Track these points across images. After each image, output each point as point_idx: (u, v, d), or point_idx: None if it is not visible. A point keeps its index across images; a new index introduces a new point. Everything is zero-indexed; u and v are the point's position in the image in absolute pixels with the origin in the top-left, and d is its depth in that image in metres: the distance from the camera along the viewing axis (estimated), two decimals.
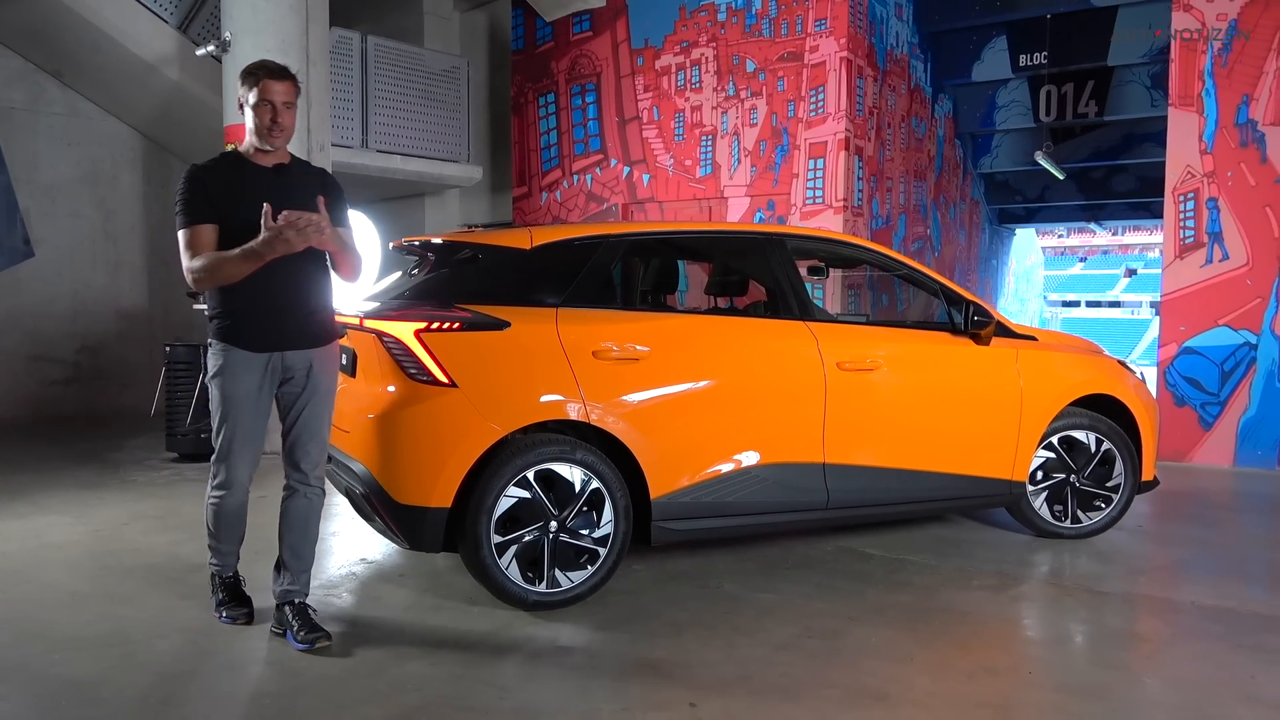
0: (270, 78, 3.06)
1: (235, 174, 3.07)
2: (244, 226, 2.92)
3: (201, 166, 3.11)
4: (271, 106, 3.03)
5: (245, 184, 3.03)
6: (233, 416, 3.13)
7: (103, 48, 7.90)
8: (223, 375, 3.10)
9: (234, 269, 2.93)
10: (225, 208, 3.00)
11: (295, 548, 3.28)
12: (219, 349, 3.10)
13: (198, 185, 3.02)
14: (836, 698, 2.77)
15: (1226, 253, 6.90)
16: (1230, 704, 2.75)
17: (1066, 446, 4.53)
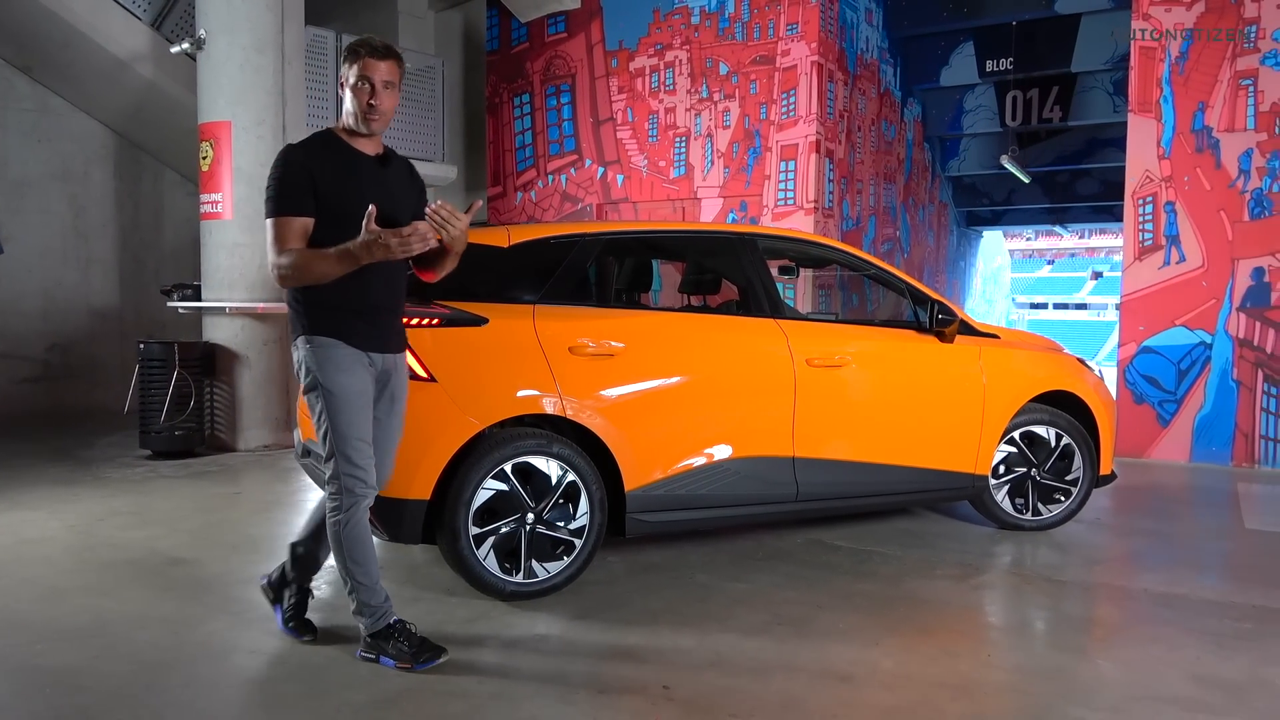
0: (372, 55, 2.81)
1: (341, 161, 2.84)
2: (350, 220, 2.70)
3: (301, 150, 2.85)
4: (370, 86, 2.80)
5: (353, 174, 2.84)
6: (348, 412, 2.83)
7: (74, 44, 7.86)
8: (337, 371, 2.83)
9: (327, 270, 2.72)
10: (331, 199, 2.78)
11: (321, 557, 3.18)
12: (326, 344, 2.83)
13: (300, 173, 2.78)
14: (804, 680, 2.88)
15: (1183, 255, 7.11)
16: (1177, 683, 2.89)
17: (1027, 441, 4.68)
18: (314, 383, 2.85)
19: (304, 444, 3.96)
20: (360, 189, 2.79)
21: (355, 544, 2.88)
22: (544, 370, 3.57)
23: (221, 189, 6.87)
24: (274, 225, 2.79)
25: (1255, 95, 6.84)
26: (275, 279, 2.83)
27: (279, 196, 2.79)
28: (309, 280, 2.77)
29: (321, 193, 2.78)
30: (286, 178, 2.79)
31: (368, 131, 2.84)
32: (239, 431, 6.96)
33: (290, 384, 7.04)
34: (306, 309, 2.85)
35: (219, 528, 4.73)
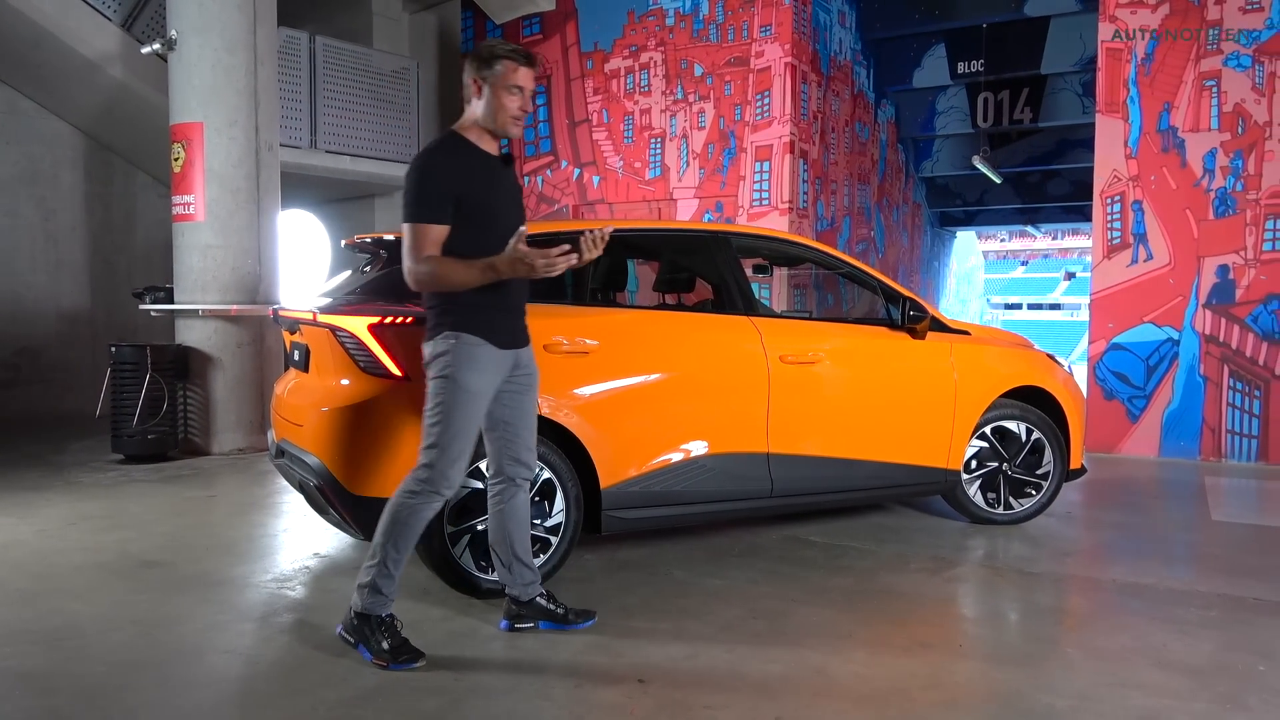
0: (524, 64, 2.91)
1: (477, 165, 2.91)
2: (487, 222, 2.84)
3: (441, 155, 2.90)
4: (522, 92, 2.91)
5: (488, 178, 2.92)
6: (471, 412, 2.90)
7: (43, 44, 7.78)
8: (475, 369, 2.88)
9: (467, 280, 2.81)
10: (470, 203, 2.84)
11: (524, 540, 3.18)
12: (472, 342, 2.87)
13: (442, 181, 2.83)
14: (779, 671, 2.90)
15: (1151, 253, 7.23)
16: (1144, 669, 2.94)
17: (999, 436, 4.74)
18: (446, 375, 2.88)
19: (278, 445, 3.95)
20: (495, 192, 2.91)
21: (408, 531, 2.93)
22: None
23: (194, 190, 6.82)
24: (413, 231, 2.82)
25: (1219, 96, 6.97)
26: (410, 283, 2.87)
27: (419, 203, 2.83)
28: (444, 288, 2.85)
29: (461, 198, 2.84)
30: (429, 185, 2.83)
31: (513, 136, 2.97)
32: (213, 435, 6.91)
33: (265, 386, 7.00)
34: (455, 308, 2.89)
35: (193, 531, 4.70)
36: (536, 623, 3.20)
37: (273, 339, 7.07)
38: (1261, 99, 6.84)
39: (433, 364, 2.93)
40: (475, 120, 2.96)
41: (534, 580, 3.21)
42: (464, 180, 2.85)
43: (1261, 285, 6.86)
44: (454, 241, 2.84)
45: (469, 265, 2.81)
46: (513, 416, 3.06)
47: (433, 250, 2.83)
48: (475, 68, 2.93)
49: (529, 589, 3.19)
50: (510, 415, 3.05)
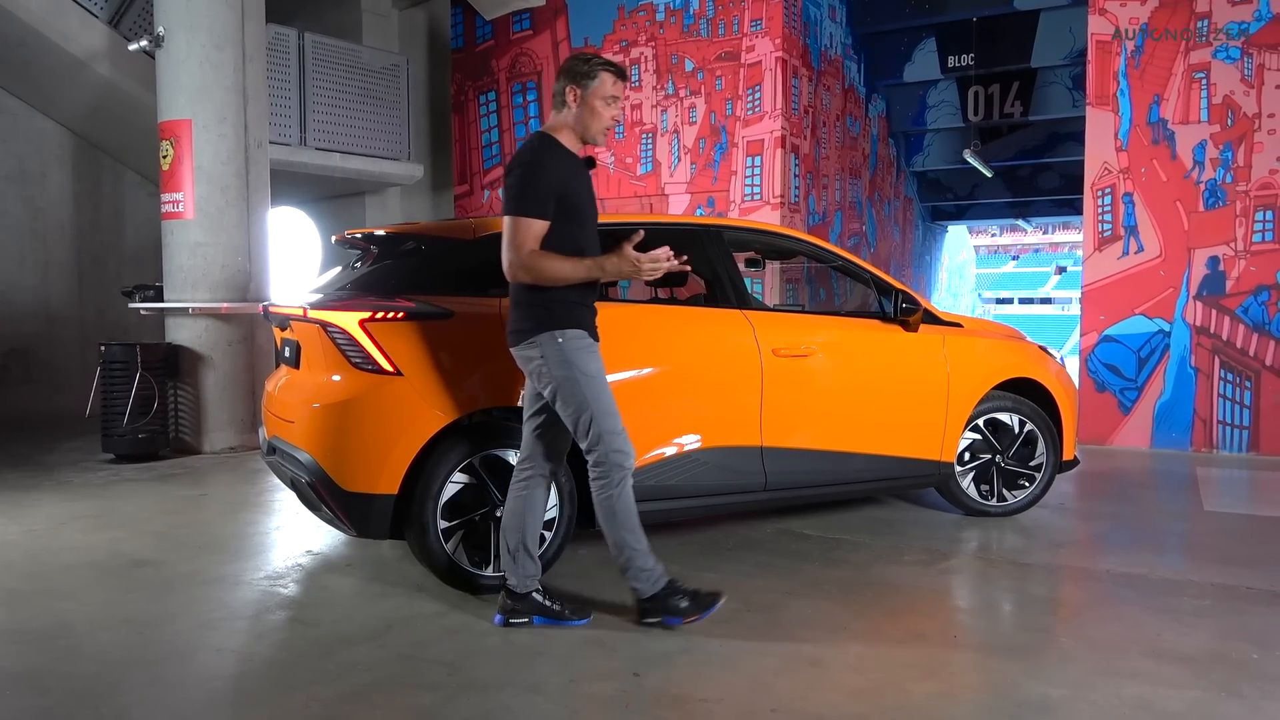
0: (620, 77, 3.08)
1: (574, 166, 3.05)
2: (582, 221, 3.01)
3: (547, 153, 3.02)
4: (616, 103, 3.08)
5: (584, 180, 3.09)
6: (607, 393, 3.06)
7: (28, 43, 7.72)
8: (591, 357, 3.05)
9: (570, 277, 2.95)
10: (569, 201, 2.99)
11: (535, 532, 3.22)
12: (577, 335, 3.02)
13: (548, 177, 2.96)
14: (774, 665, 2.90)
15: (1141, 245, 7.25)
16: (1138, 658, 2.95)
17: (992, 428, 4.74)
18: (569, 374, 3.00)
19: (270, 442, 3.93)
20: (589, 193, 3.08)
21: (628, 513, 3.07)
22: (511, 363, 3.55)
23: (183, 188, 6.79)
24: (515, 224, 2.92)
25: (1208, 88, 6.99)
26: (509, 274, 2.97)
27: (524, 197, 2.93)
28: (545, 281, 2.95)
29: (561, 196, 2.97)
30: (536, 181, 2.94)
31: (601, 144, 3.16)
32: (204, 433, 6.88)
33: (256, 384, 6.97)
34: (556, 306, 3.00)
35: (184, 529, 4.67)
36: (531, 618, 3.19)
37: (263, 336, 7.04)
38: (1251, 91, 6.86)
39: (545, 366, 3.03)
40: (567, 125, 3.08)
41: (534, 574, 3.20)
42: (564, 180, 2.98)
43: (1251, 276, 6.89)
44: (550, 239, 2.96)
45: (576, 261, 2.95)
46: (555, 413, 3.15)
47: (534, 245, 2.93)
48: (573, 78, 3.05)
49: (528, 582, 3.19)
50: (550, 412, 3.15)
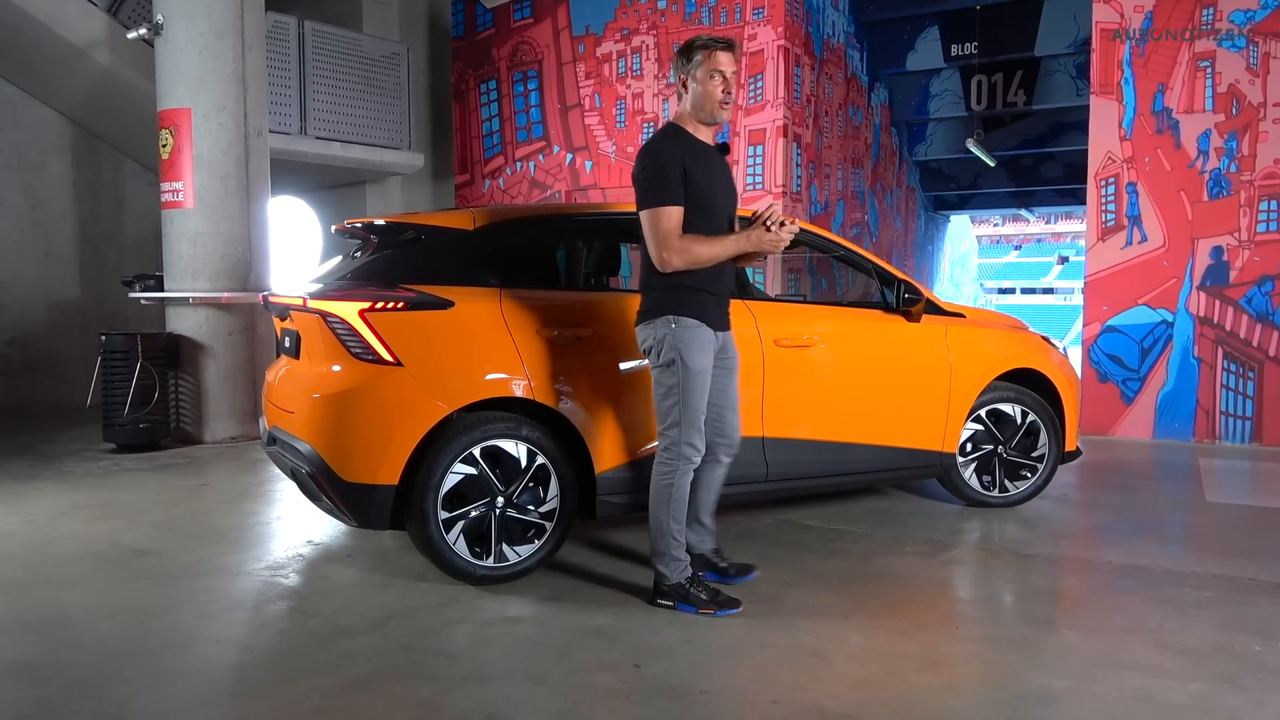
0: (725, 49, 3.10)
1: (699, 152, 3.12)
2: (702, 205, 3.06)
3: (671, 142, 3.12)
4: (724, 77, 3.09)
5: (711, 165, 3.14)
6: (702, 389, 3.16)
7: (26, 31, 7.69)
8: (699, 350, 3.12)
9: (717, 255, 3.05)
10: (697, 188, 3.06)
11: (709, 505, 3.47)
12: (692, 325, 3.10)
13: (676, 165, 3.04)
14: (774, 655, 2.89)
15: (1145, 235, 7.21)
16: (1140, 649, 2.94)
17: (994, 419, 4.73)
18: (673, 360, 3.12)
19: (270, 432, 3.92)
20: (713, 178, 3.12)
21: (680, 503, 3.23)
22: (511, 353, 3.55)
23: (182, 177, 6.76)
24: (655, 216, 3.05)
25: (1213, 77, 6.94)
26: (661, 265, 3.08)
27: (656, 188, 3.04)
28: (695, 266, 3.06)
29: (691, 182, 3.04)
30: (665, 169, 3.04)
31: (723, 120, 3.15)
32: (205, 423, 6.87)
33: (256, 374, 6.96)
34: (677, 292, 3.10)
35: (185, 519, 4.67)
36: (702, 572, 3.41)
37: (264, 326, 7.03)
38: (1256, 79, 6.81)
39: (655, 348, 3.17)
40: (688, 112, 3.16)
41: (708, 537, 3.50)
42: (690, 166, 3.05)
43: (1255, 266, 6.86)
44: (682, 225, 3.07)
45: (723, 240, 3.07)
46: (719, 398, 3.29)
47: (678, 230, 3.05)
48: (679, 65, 3.16)
49: (702, 544, 3.49)
50: (716, 396, 3.28)
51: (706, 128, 3.17)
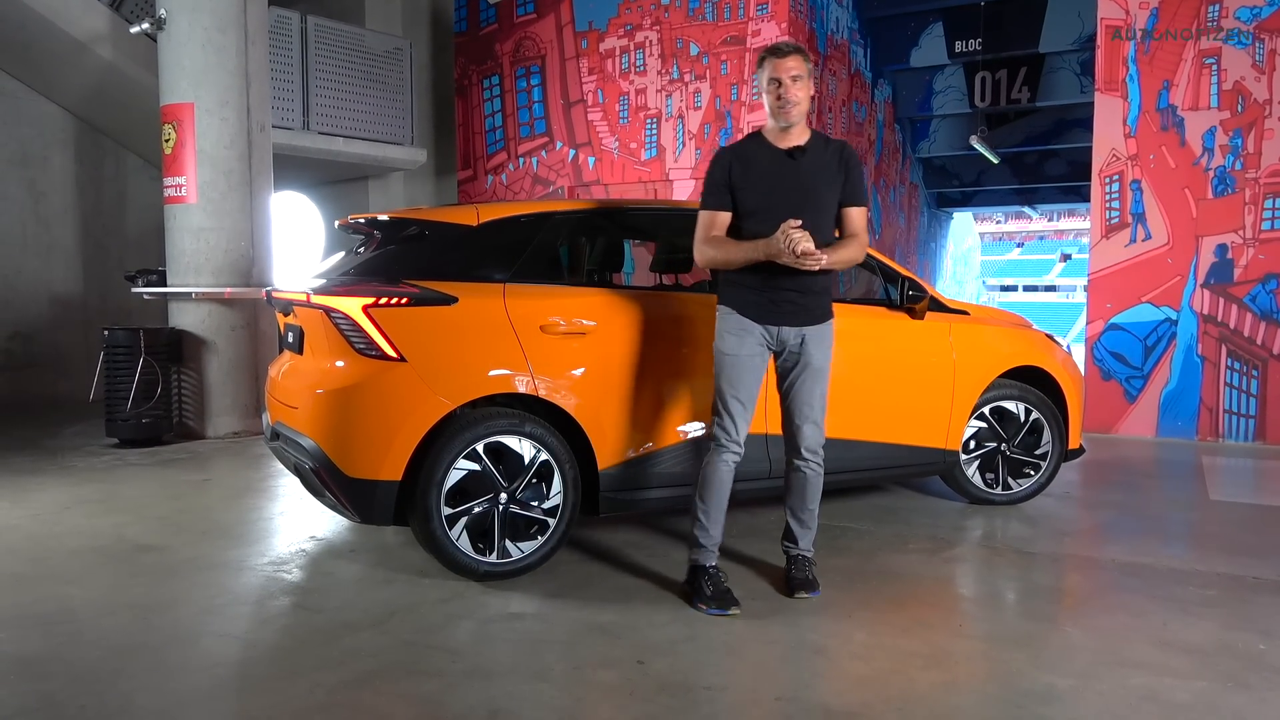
0: (776, 56, 3.19)
1: (754, 157, 3.25)
2: (751, 210, 3.21)
3: (729, 148, 3.33)
4: (778, 82, 3.17)
5: (760, 168, 3.24)
6: (728, 372, 3.29)
7: (30, 25, 7.68)
8: (727, 334, 3.29)
9: (737, 259, 3.21)
10: (741, 194, 3.22)
11: (795, 509, 3.50)
12: (725, 312, 3.32)
13: (720, 171, 3.26)
14: (778, 652, 2.89)
15: (1149, 232, 7.20)
16: (1144, 648, 2.94)
17: (997, 416, 4.72)
18: (715, 344, 3.33)
19: (273, 427, 3.92)
20: (765, 183, 3.21)
21: (706, 486, 3.34)
22: (515, 349, 3.55)
23: (185, 172, 6.76)
24: (701, 217, 3.30)
25: (1218, 74, 6.92)
26: (696, 261, 3.34)
27: (705, 193, 3.30)
28: (722, 266, 3.27)
29: (734, 188, 3.23)
30: (712, 175, 3.29)
31: (785, 124, 3.20)
32: (208, 418, 6.87)
33: (259, 369, 6.96)
34: (722, 284, 3.35)
35: (188, 514, 4.67)
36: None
37: (266, 321, 7.02)
38: (1261, 76, 6.79)
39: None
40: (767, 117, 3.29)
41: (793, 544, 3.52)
42: (737, 173, 3.23)
43: (1260, 265, 6.84)
44: (734, 226, 3.25)
45: (740, 245, 3.20)
46: (790, 400, 3.39)
47: (706, 234, 3.25)
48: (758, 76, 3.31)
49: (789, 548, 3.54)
50: (788, 399, 3.39)
51: (782, 131, 3.24)
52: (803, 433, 3.37)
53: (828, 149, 3.28)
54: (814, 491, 3.48)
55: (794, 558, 3.51)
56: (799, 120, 3.20)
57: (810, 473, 3.43)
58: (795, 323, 3.27)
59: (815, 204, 3.22)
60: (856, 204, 3.30)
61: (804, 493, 3.46)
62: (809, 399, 3.34)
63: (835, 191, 3.26)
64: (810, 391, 3.33)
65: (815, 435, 3.38)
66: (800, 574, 3.46)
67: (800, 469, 3.42)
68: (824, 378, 3.35)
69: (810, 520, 3.51)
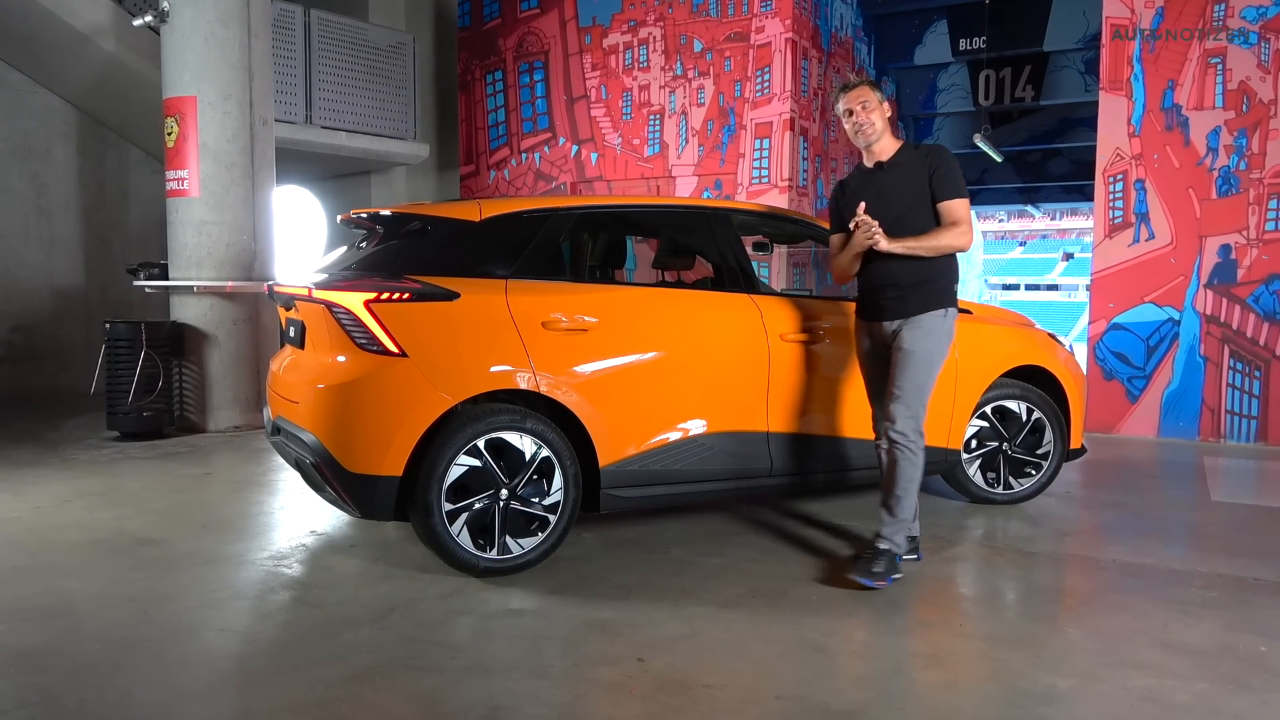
0: (845, 90, 3.59)
1: (850, 179, 3.73)
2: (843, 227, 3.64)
3: (838, 184, 3.79)
4: (851, 111, 3.55)
5: (853, 186, 3.67)
6: (860, 368, 3.84)
7: (33, 17, 7.66)
8: (854, 335, 3.82)
9: (844, 265, 3.66)
10: (844, 210, 3.64)
11: (884, 494, 3.59)
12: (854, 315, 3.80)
13: (832, 200, 3.81)
14: (779, 651, 2.89)
15: (1152, 232, 7.18)
16: (1145, 649, 2.93)
17: (999, 416, 4.71)
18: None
19: (274, 422, 3.91)
20: (857, 198, 3.55)
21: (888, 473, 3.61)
22: (517, 345, 3.54)
23: (187, 165, 6.75)
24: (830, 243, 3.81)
25: (1223, 74, 6.90)
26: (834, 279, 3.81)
27: (829, 218, 3.86)
28: (844, 273, 3.71)
29: (841, 211, 3.68)
30: (829, 206, 3.87)
31: (865, 144, 3.60)
32: (209, 412, 6.87)
33: (261, 363, 6.96)
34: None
35: (188, 508, 4.67)
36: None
37: (268, 315, 7.02)
38: (1267, 76, 6.77)
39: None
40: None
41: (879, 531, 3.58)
42: (840, 198, 3.73)
43: (1263, 265, 6.82)
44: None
45: (841, 256, 3.69)
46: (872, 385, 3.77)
47: (833, 254, 3.75)
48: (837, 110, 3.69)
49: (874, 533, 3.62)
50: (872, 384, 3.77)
51: (867, 150, 3.63)
52: (891, 412, 3.50)
53: (916, 154, 3.59)
54: (900, 476, 3.51)
55: (867, 541, 3.65)
56: (876, 139, 3.56)
57: (900, 454, 3.50)
58: (893, 316, 3.56)
59: (898, 206, 3.53)
60: (947, 198, 3.51)
61: (889, 475, 3.54)
62: (897, 379, 3.51)
63: (923, 192, 3.52)
64: (899, 373, 3.50)
65: (900, 415, 3.48)
66: (866, 558, 3.50)
67: (885, 450, 3.56)
68: (917, 363, 3.48)
69: (896, 507, 3.53)
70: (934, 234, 3.49)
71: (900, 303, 3.54)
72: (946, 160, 3.56)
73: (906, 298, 3.53)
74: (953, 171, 3.54)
